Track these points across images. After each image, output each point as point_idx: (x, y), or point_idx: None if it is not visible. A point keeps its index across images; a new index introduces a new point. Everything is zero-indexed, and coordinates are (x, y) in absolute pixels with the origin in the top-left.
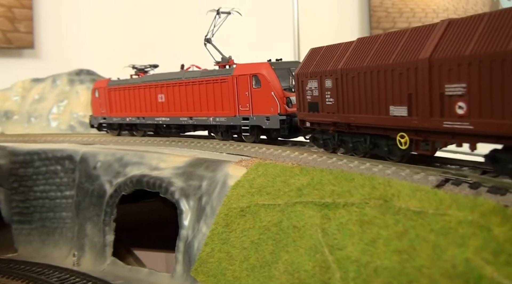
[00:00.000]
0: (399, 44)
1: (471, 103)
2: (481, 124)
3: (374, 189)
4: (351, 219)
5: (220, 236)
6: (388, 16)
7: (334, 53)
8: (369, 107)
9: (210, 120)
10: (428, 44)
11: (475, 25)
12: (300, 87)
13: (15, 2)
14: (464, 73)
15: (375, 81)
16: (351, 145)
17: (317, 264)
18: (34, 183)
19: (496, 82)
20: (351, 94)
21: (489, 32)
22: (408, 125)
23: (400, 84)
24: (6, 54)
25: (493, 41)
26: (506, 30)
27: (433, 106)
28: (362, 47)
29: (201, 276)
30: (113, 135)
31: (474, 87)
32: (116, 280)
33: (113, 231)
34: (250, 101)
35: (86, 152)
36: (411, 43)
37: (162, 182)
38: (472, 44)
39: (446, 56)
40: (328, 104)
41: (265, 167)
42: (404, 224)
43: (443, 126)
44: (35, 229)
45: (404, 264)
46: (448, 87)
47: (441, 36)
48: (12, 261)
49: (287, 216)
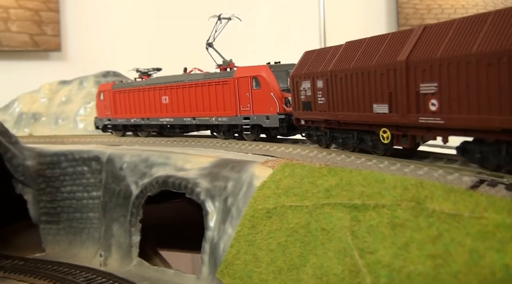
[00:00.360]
0: (381, 47)
1: (442, 100)
2: (451, 119)
3: (406, 190)
4: (382, 222)
5: (246, 237)
6: (416, 12)
7: (325, 56)
8: (355, 105)
9: (212, 120)
10: (406, 47)
11: (446, 30)
12: (295, 87)
13: (42, 5)
14: (435, 73)
15: (360, 81)
16: (341, 140)
17: (347, 268)
18: (62, 184)
19: (462, 81)
20: (339, 93)
21: (457, 37)
22: (389, 121)
23: (381, 84)
24: (34, 57)
25: (460, 45)
26: (471, 36)
27: (410, 103)
28: (349, 50)
29: (227, 278)
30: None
31: (444, 86)
32: (142, 281)
33: (139, 231)
34: (250, 102)
35: (112, 153)
36: (391, 46)
37: (188, 182)
38: (442, 48)
39: (421, 58)
40: (320, 103)
41: (292, 167)
42: (438, 227)
43: (419, 121)
44: (63, 229)
45: (439, 269)
46: (422, 86)
47: (417, 40)
48: (40, 260)
49: (315, 217)
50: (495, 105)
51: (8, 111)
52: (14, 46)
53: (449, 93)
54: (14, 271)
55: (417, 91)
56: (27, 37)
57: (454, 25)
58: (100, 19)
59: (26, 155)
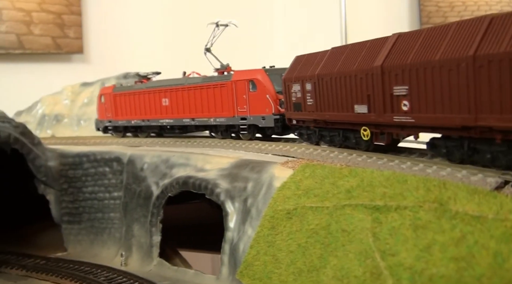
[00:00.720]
0: (361, 53)
1: (412, 101)
2: (420, 118)
3: (428, 192)
4: (404, 223)
5: (266, 238)
6: (438, 10)
7: (313, 60)
8: (340, 106)
9: (211, 121)
10: (382, 54)
11: (416, 39)
12: (287, 90)
13: (64, 8)
14: (406, 77)
15: (343, 84)
16: (328, 138)
17: (368, 270)
18: (83, 184)
19: (429, 84)
20: (326, 95)
21: (424, 45)
22: (368, 120)
23: (361, 87)
24: (56, 60)
25: (426, 52)
26: (436, 44)
27: (385, 104)
28: (334, 56)
29: (246, 279)
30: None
31: (414, 89)
32: (162, 281)
33: (159, 232)
34: (247, 103)
35: (133, 153)
36: (369, 52)
37: (208, 183)
38: (412, 55)
39: (394, 64)
40: (309, 104)
41: (312, 168)
42: (461, 229)
43: (393, 120)
44: (84, 229)
45: (462, 272)
46: (395, 89)
47: (391, 47)
48: (62, 260)
49: (335, 219)
50: (455, 106)
51: (31, 113)
52: (37, 49)
53: (418, 95)
54: (36, 270)
55: (391, 93)
56: (49, 40)
57: (423, 35)
58: (121, 21)
59: (49, 156)
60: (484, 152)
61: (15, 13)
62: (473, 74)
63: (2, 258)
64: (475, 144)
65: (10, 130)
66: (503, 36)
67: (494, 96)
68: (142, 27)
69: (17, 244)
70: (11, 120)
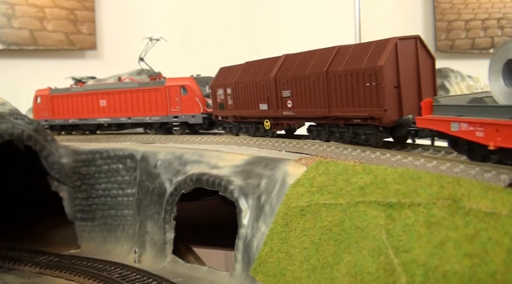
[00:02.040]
0: (262, 67)
1: (293, 101)
2: (299, 112)
3: (442, 188)
4: (417, 220)
5: (280, 235)
6: (452, 7)
7: (233, 71)
8: (250, 105)
9: (146, 119)
10: (275, 68)
11: (296, 59)
12: (214, 93)
13: (77, 4)
14: (289, 85)
15: (252, 89)
16: (245, 130)
17: (381, 267)
18: (97, 181)
19: (302, 90)
20: (241, 97)
21: (300, 63)
22: (268, 114)
23: (263, 91)
24: (70, 56)
25: (301, 68)
26: (307, 63)
27: (278, 103)
28: (247, 68)
29: (260, 276)
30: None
31: (294, 92)
32: (176, 278)
33: (173, 229)
34: (179, 104)
35: (146, 150)
36: (268, 67)
37: (221, 180)
38: (292, 70)
39: (282, 75)
40: (230, 104)
41: (326, 165)
42: (475, 226)
43: (283, 114)
44: (98, 226)
45: (476, 269)
46: (283, 92)
47: (281, 64)
48: (75, 257)
49: (349, 216)
50: (318, 103)
51: None
52: (50, 45)
53: (297, 96)
54: (50, 267)
55: (281, 95)
56: (62, 36)
57: (300, 57)
58: (134, 17)
59: (62, 153)
60: (335, 132)
61: (28, 8)
62: (327, 83)
63: (16, 255)
64: (331, 128)
65: (23, 127)
66: (342, 60)
67: (338, 97)
68: (156, 23)
69: (31, 241)
70: (24, 117)
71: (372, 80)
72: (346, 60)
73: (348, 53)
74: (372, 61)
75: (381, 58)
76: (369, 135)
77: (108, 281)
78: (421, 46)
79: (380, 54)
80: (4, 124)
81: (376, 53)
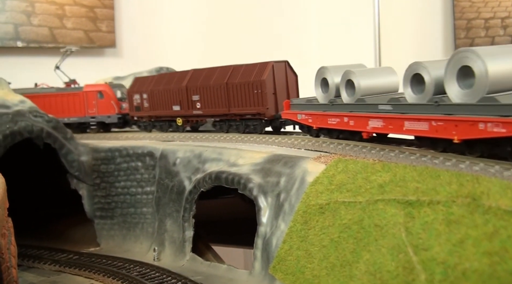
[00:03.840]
0: (175, 78)
1: (201, 103)
2: (206, 111)
3: (461, 187)
4: (437, 218)
5: (299, 233)
6: (472, 6)
7: (147, 81)
8: (165, 107)
9: (65, 120)
10: (186, 79)
11: (202, 73)
12: (130, 98)
13: (97, 2)
14: (198, 91)
15: (166, 95)
16: (159, 127)
17: (401, 265)
18: (116, 179)
19: (208, 95)
20: (156, 101)
21: (206, 76)
22: (180, 114)
23: (176, 96)
24: (89, 53)
25: (207, 80)
26: (211, 76)
27: (189, 105)
28: (160, 79)
29: (279, 274)
30: None
31: (202, 97)
32: (195, 276)
33: (192, 227)
34: (96, 107)
35: (165, 148)
36: (179, 78)
37: (241, 178)
38: (200, 80)
39: (192, 85)
40: (146, 106)
41: (345, 163)
42: (494, 224)
43: (193, 113)
44: (117, 224)
45: (495, 267)
46: (193, 97)
47: (190, 76)
48: (94, 255)
49: (368, 214)
50: (220, 104)
51: None
52: (69, 43)
53: (204, 99)
54: (69, 265)
55: (191, 99)
56: (82, 33)
57: (205, 71)
58: (154, 15)
59: (81, 151)
60: (232, 125)
61: (48, 6)
62: (227, 91)
63: (35, 253)
64: (230, 122)
65: (42, 125)
66: (237, 75)
67: (235, 100)
68: (175, 21)
69: (50, 239)
70: (43, 114)
71: (258, 88)
72: (240, 75)
73: (241, 70)
74: (258, 76)
75: (263, 74)
76: (256, 125)
77: (127, 279)
78: (288, 67)
79: (263, 72)
80: (24, 122)
81: (260, 71)
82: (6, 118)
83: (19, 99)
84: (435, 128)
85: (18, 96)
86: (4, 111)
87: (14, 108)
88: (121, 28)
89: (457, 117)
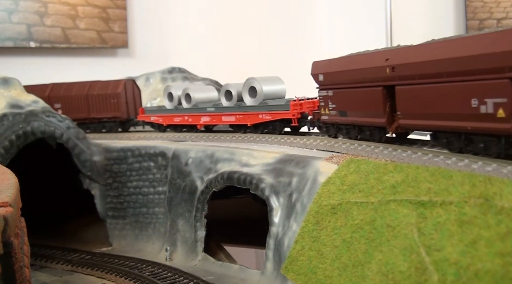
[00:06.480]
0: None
1: (63, 109)
2: (69, 116)
3: (474, 187)
4: (449, 219)
5: (311, 233)
6: (484, 6)
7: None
8: None
9: None
10: (47, 90)
11: (62, 86)
12: None
13: (109, 3)
14: (60, 100)
15: None
16: None
17: (413, 265)
18: (128, 179)
19: (69, 103)
20: None
21: (65, 88)
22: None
23: None
24: (101, 54)
25: (66, 91)
26: (71, 89)
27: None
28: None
29: (291, 274)
30: None
31: (63, 105)
32: (207, 276)
33: (204, 227)
34: None
35: (177, 148)
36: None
37: (253, 178)
38: (61, 91)
39: (54, 95)
40: None
41: (357, 163)
42: (507, 224)
43: None
44: (129, 224)
45: (508, 267)
46: (55, 104)
47: (51, 89)
48: (107, 255)
49: (380, 214)
50: (80, 110)
51: None
52: (82, 43)
53: (65, 107)
54: (82, 265)
55: (54, 107)
56: (94, 34)
57: (65, 85)
58: (166, 16)
59: (94, 150)
60: (91, 127)
61: (60, 7)
62: (86, 100)
63: (48, 253)
64: (89, 124)
65: (55, 125)
66: (95, 88)
67: (93, 107)
68: (188, 22)
69: (62, 239)
70: (56, 115)
71: (115, 98)
72: (98, 88)
73: (98, 85)
74: (115, 89)
75: (119, 88)
76: (112, 126)
77: (139, 278)
78: (134, 84)
79: (118, 86)
80: (37, 122)
81: (116, 86)
82: (19, 118)
83: (32, 99)
84: (238, 119)
85: (31, 96)
86: (17, 111)
87: (27, 109)
88: (134, 28)
89: (249, 112)
